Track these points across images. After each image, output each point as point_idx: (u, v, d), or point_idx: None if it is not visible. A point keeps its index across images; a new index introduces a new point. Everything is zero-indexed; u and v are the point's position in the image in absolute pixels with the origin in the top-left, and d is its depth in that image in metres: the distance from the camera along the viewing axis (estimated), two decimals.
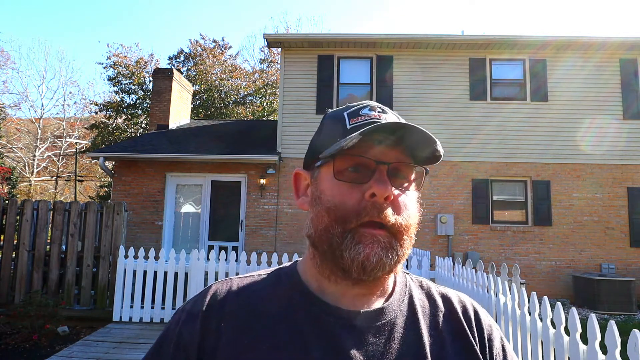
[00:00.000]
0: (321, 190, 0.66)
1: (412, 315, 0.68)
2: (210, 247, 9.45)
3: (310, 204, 0.68)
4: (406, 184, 0.66)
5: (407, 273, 0.76)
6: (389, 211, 0.61)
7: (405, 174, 0.65)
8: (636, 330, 1.69)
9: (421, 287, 0.74)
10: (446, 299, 0.72)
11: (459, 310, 0.71)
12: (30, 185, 25.44)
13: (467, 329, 0.69)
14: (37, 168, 26.59)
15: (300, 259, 0.73)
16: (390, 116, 0.68)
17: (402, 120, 0.66)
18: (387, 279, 0.68)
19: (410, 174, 0.66)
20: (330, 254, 0.62)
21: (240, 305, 0.66)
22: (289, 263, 0.74)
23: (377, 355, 0.61)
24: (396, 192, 0.63)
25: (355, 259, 0.60)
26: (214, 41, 24.04)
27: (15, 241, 6.56)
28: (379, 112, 0.68)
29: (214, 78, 22.62)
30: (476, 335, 0.69)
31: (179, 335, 0.66)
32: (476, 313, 0.72)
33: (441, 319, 0.69)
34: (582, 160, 9.43)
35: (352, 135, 0.61)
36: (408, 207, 0.64)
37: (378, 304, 0.67)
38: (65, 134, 26.97)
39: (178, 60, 23.57)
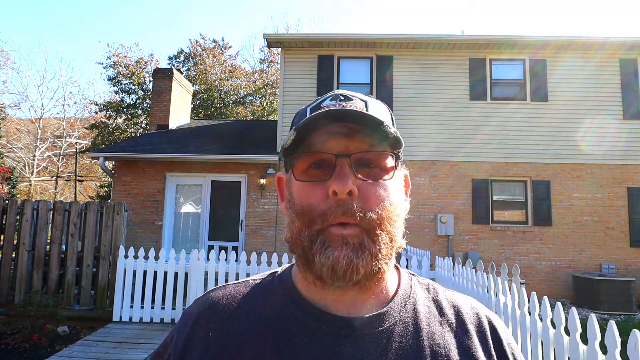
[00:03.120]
0: (291, 192, 0.63)
1: (414, 323, 0.62)
2: (210, 247, 9.45)
3: (286, 207, 0.64)
4: (379, 172, 0.60)
5: (413, 274, 0.70)
6: (355, 207, 0.56)
7: (375, 162, 0.60)
8: (636, 330, 1.69)
9: (427, 290, 0.68)
10: (455, 307, 0.66)
11: (470, 321, 0.65)
12: (30, 185, 25.43)
13: (478, 344, 0.62)
14: (37, 168, 26.58)
15: None
16: (356, 102, 0.62)
17: (366, 103, 0.63)
18: (379, 280, 0.61)
19: (382, 161, 0.60)
20: (304, 258, 0.59)
21: (231, 314, 0.64)
22: (286, 266, 0.71)
23: None
24: (366, 183, 0.58)
25: (325, 264, 0.56)
26: (214, 41, 24.07)
27: (15, 241, 6.55)
28: (340, 100, 0.62)
29: (213, 78, 22.62)
30: (492, 352, 0.63)
31: (170, 340, 0.67)
32: (492, 328, 0.66)
33: (447, 329, 0.63)
34: (582, 160, 9.43)
35: (290, 132, 0.58)
36: (384, 197, 0.59)
37: (376, 309, 0.61)
38: (65, 134, 26.96)
39: (178, 60, 23.60)
